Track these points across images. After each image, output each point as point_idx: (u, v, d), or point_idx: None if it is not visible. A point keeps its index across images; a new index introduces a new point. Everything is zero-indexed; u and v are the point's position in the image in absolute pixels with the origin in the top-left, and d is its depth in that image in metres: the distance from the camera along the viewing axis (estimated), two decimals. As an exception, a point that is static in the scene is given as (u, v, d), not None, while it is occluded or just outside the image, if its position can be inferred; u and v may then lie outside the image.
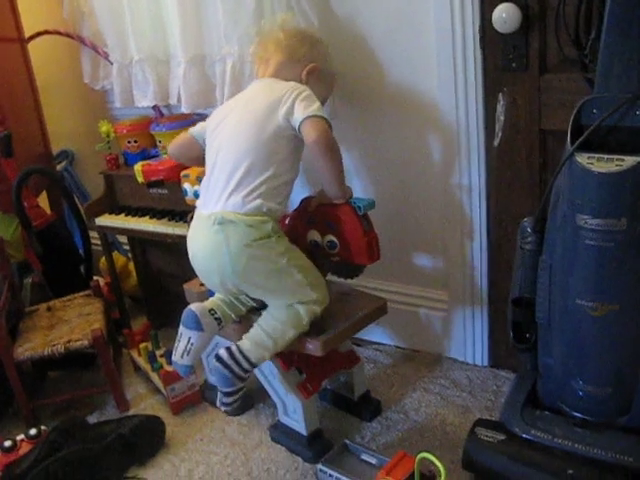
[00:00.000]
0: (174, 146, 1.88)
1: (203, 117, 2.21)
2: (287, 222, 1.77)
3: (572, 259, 1.44)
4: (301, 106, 1.58)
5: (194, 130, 1.83)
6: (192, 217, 1.71)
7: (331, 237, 1.68)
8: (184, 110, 2.19)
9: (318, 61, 1.76)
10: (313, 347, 1.61)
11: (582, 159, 1.37)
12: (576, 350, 1.51)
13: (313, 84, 1.72)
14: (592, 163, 1.35)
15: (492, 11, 1.65)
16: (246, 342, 1.62)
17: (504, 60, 1.72)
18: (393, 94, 1.95)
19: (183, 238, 2.03)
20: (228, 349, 1.60)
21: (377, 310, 1.74)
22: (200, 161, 1.77)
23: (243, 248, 1.56)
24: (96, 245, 2.58)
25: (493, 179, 1.86)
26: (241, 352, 1.60)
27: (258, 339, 1.61)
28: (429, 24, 1.80)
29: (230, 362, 1.59)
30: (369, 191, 2.07)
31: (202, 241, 1.62)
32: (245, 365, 1.59)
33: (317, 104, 1.61)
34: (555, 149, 1.74)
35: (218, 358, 1.60)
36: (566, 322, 1.51)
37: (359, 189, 2.06)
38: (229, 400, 1.66)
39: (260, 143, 1.59)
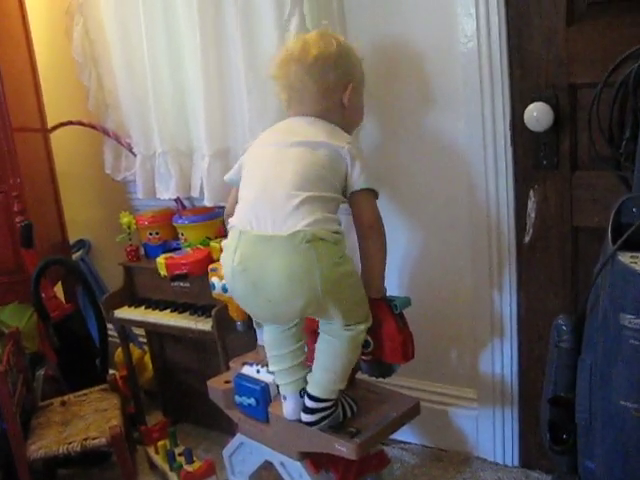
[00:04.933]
0: (230, 206, 1.79)
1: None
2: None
3: (615, 359, 1.40)
4: (358, 167, 1.55)
5: (232, 180, 1.77)
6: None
7: (365, 336, 1.65)
8: (207, 203, 2.18)
9: (356, 78, 1.67)
10: (347, 450, 1.54)
11: (625, 258, 1.35)
12: (621, 454, 1.45)
13: (352, 109, 1.67)
14: (635, 262, 1.34)
15: (523, 109, 1.67)
16: (315, 388, 1.58)
17: (535, 157, 1.73)
18: (423, 190, 1.96)
19: (206, 334, 2.03)
20: (308, 410, 1.58)
21: (410, 411, 1.68)
22: None
23: (334, 266, 1.46)
24: (111, 337, 2.53)
25: (524, 276, 1.84)
26: (319, 399, 1.57)
27: (328, 378, 1.58)
28: (459, 120, 1.82)
29: (320, 416, 1.57)
30: (399, 286, 2.05)
31: (280, 263, 1.45)
32: (328, 404, 1.58)
33: (368, 169, 1.58)
34: (587, 246, 1.73)
35: (309, 423, 1.58)
36: (609, 424, 1.46)
37: (389, 285, 1.99)
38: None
39: (328, 169, 1.53)
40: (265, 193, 1.52)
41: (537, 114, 1.64)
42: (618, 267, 1.36)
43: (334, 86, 1.61)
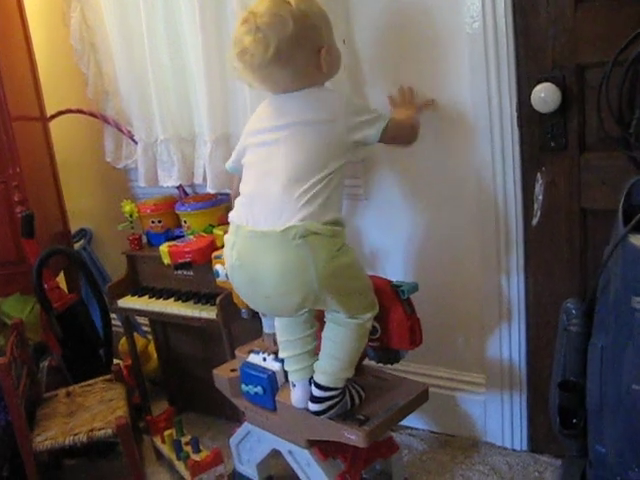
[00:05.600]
0: (235, 192, 1.75)
1: (229, 196, 2.20)
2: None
3: (626, 343, 1.39)
4: (363, 129, 1.55)
5: (233, 168, 1.76)
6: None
7: (372, 322, 1.63)
8: (209, 190, 2.17)
9: (325, 36, 1.56)
10: (356, 438, 1.53)
11: (636, 240, 1.34)
12: (633, 438, 1.44)
13: (330, 63, 1.57)
14: (648, 244, 1.32)
15: (530, 90, 1.65)
16: (322, 377, 1.57)
17: (542, 139, 1.70)
18: (429, 172, 1.93)
19: (211, 322, 2.01)
20: (315, 399, 1.57)
21: (419, 397, 1.67)
22: None
23: (330, 260, 1.45)
24: (115, 326, 2.51)
25: (532, 259, 1.82)
26: (326, 388, 1.56)
27: (335, 367, 1.57)
28: (465, 102, 1.80)
29: (328, 404, 1.57)
30: (405, 271, 2.04)
31: (274, 260, 1.45)
32: (336, 392, 1.57)
33: (368, 113, 1.57)
34: (596, 228, 1.71)
35: (317, 413, 1.58)
36: (621, 409, 1.44)
37: (396, 270, 2.04)
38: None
39: (322, 151, 1.50)
40: (259, 188, 1.53)
41: (544, 95, 1.62)
42: (630, 249, 1.34)
43: (306, 63, 1.53)
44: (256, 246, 1.49)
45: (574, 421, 1.59)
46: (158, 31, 2.19)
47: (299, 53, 1.51)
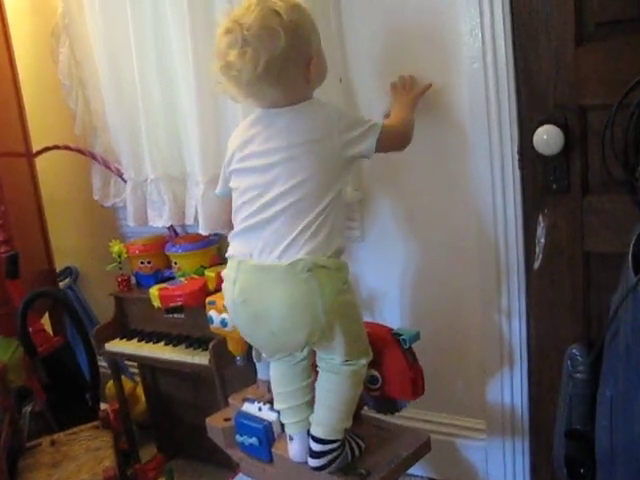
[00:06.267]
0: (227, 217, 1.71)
1: (221, 237, 2.16)
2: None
3: (637, 393, 1.34)
4: (358, 145, 1.47)
5: (223, 193, 1.67)
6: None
7: (373, 372, 1.58)
8: (202, 232, 2.10)
9: (314, 45, 1.46)
10: (358, 493, 1.47)
11: (648, 289, 1.30)
12: (644, 492, 1.39)
13: (318, 73, 1.48)
14: (659, 293, 1.28)
15: (532, 132, 1.62)
16: (319, 429, 1.51)
17: (544, 181, 1.67)
18: (430, 213, 1.90)
19: (203, 367, 1.95)
20: (314, 454, 1.50)
21: (422, 448, 1.61)
22: None
23: (337, 294, 1.40)
24: (102, 367, 2.44)
25: (534, 303, 1.78)
26: (325, 441, 1.50)
27: (332, 417, 1.51)
28: (465, 143, 1.77)
29: (328, 459, 1.50)
30: (404, 315, 2.00)
31: (281, 294, 1.39)
32: (335, 445, 1.50)
33: (362, 120, 1.51)
34: (599, 271, 1.67)
35: (317, 468, 1.51)
36: (632, 460, 1.39)
37: (394, 313, 2.01)
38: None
39: (321, 176, 1.43)
40: (260, 221, 1.45)
41: (547, 137, 1.59)
42: (641, 298, 1.30)
43: (295, 76, 1.44)
44: (261, 280, 1.42)
45: (582, 471, 1.54)
46: (149, 67, 2.15)
47: (290, 68, 1.41)
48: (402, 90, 1.78)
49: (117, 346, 2.19)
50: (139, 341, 2.17)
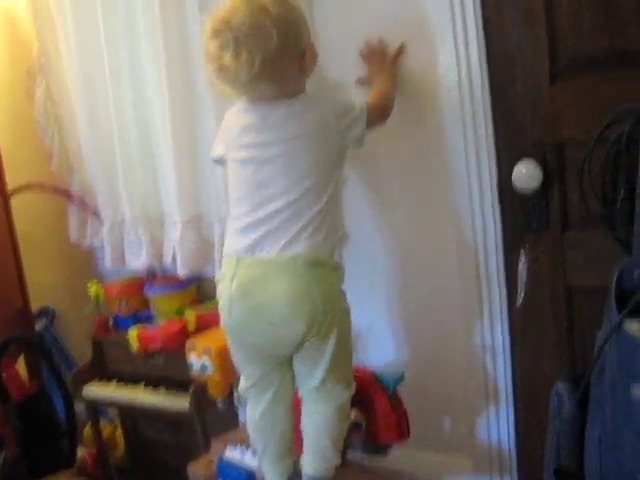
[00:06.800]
0: None
1: (199, 277, 2.13)
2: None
3: (626, 432, 1.33)
4: (352, 132, 1.50)
5: (217, 158, 1.64)
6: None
7: (357, 415, 1.56)
8: (180, 273, 2.07)
9: (306, 37, 1.47)
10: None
11: (633, 326, 1.29)
12: (637, 530, 1.37)
13: (310, 63, 1.48)
14: (645, 331, 1.28)
15: (510, 168, 1.62)
16: (310, 468, 1.51)
17: (524, 217, 1.66)
18: (409, 251, 1.88)
19: (182, 414, 1.91)
20: None
21: (408, 492, 1.59)
22: None
23: (335, 294, 1.46)
24: (79, 410, 2.38)
25: (518, 338, 1.76)
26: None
27: (321, 455, 1.51)
28: (445, 180, 1.76)
29: None
30: (386, 353, 1.96)
31: (281, 287, 1.40)
32: None
33: (352, 104, 1.53)
34: (582, 306, 1.66)
35: None
36: (623, 500, 1.38)
37: (375, 351, 1.96)
38: None
39: (321, 168, 1.45)
40: (259, 216, 1.45)
41: (525, 172, 1.59)
42: (625, 336, 1.29)
43: (290, 69, 1.44)
44: (262, 273, 1.43)
45: (572, 511, 1.52)
46: (125, 106, 2.14)
47: (284, 63, 1.41)
48: (375, 58, 1.72)
49: (94, 390, 2.16)
50: (117, 383, 2.14)
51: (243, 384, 1.57)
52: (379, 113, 1.61)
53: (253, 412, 1.57)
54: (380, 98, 1.63)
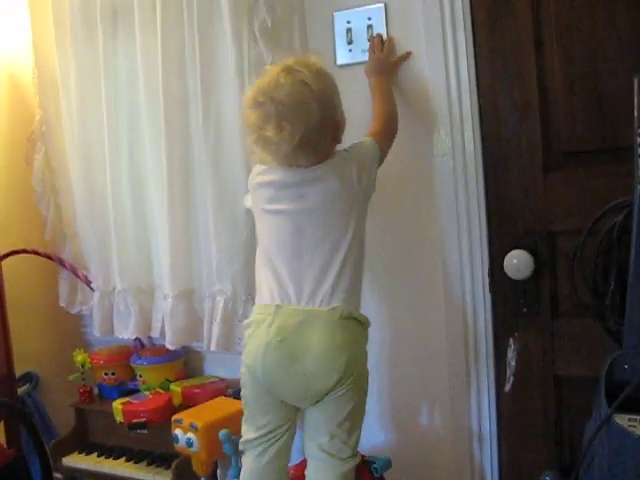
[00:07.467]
0: None
1: (187, 350, 2.13)
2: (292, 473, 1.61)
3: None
4: (368, 166, 1.55)
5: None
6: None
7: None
8: (168, 346, 2.07)
9: (339, 110, 1.54)
10: None
11: (622, 421, 1.30)
12: None
13: (341, 136, 1.56)
14: (634, 426, 1.29)
15: (502, 256, 1.65)
16: None
17: (514, 305, 1.69)
18: (402, 339, 1.89)
19: (165, 489, 1.87)
20: None
21: None
22: None
23: (363, 354, 1.49)
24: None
25: (505, 426, 1.76)
26: None
27: None
28: (437, 268, 1.78)
29: None
30: (376, 436, 1.91)
31: (320, 337, 1.42)
32: None
33: (366, 151, 1.57)
34: (571, 395, 1.67)
35: None
36: None
37: (365, 437, 1.88)
38: None
39: (350, 221, 1.50)
40: (294, 268, 1.49)
41: (517, 261, 1.62)
42: (615, 430, 1.30)
43: (326, 139, 1.50)
44: (301, 322, 1.45)
45: None
46: (122, 180, 2.17)
47: (322, 135, 1.47)
48: (380, 53, 1.77)
49: (75, 461, 2.11)
50: (99, 456, 2.10)
51: (250, 436, 1.54)
52: (388, 137, 1.66)
53: (257, 464, 1.53)
54: (384, 124, 1.68)
